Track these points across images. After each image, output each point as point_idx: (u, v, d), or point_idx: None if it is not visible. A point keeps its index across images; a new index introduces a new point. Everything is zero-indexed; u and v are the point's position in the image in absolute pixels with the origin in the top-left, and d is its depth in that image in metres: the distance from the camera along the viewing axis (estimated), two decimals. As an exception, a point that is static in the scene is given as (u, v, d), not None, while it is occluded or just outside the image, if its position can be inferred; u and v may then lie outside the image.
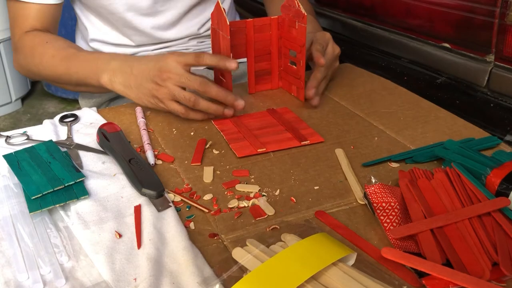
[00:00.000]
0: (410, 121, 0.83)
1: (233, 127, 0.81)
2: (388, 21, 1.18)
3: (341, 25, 1.33)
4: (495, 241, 0.53)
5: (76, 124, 0.83)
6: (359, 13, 1.27)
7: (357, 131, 0.80)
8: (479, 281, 0.48)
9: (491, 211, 0.56)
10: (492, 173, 0.61)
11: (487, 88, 0.97)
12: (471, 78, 0.99)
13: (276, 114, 0.85)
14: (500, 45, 0.93)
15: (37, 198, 0.61)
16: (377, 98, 0.92)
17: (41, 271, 0.52)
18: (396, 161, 0.71)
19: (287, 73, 0.93)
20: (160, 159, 0.73)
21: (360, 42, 1.28)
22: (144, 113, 0.86)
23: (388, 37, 1.18)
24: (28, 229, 0.57)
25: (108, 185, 0.65)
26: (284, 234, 0.54)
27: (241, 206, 0.62)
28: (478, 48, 0.97)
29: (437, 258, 0.51)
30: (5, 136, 0.78)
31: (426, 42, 1.09)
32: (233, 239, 0.57)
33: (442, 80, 1.07)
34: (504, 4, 0.90)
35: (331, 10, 1.38)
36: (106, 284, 0.50)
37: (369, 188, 0.59)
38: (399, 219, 0.57)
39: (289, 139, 0.77)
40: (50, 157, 0.68)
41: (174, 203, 0.62)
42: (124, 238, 0.56)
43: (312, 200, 0.63)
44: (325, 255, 0.48)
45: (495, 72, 0.94)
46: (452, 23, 1.01)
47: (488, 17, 0.93)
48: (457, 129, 0.80)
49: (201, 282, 0.49)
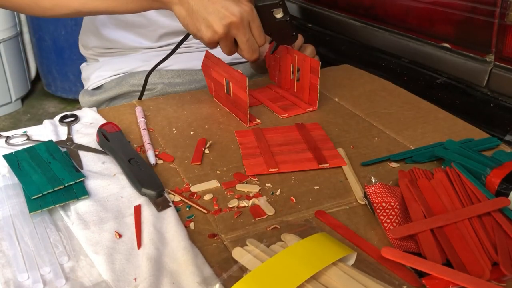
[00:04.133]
0: (410, 121, 0.83)
1: (253, 140, 0.77)
2: (388, 21, 1.18)
3: (341, 25, 1.33)
4: (495, 241, 0.53)
5: (76, 124, 0.83)
6: (359, 13, 1.27)
7: (357, 131, 0.81)
8: (479, 281, 0.48)
9: (491, 211, 0.56)
10: (492, 173, 0.61)
11: (487, 88, 0.97)
12: (471, 78, 0.99)
13: (304, 130, 0.80)
14: (500, 45, 0.93)
15: (37, 198, 0.61)
16: (377, 99, 0.92)
17: (41, 271, 0.52)
18: (396, 161, 0.71)
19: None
20: (160, 158, 0.73)
21: (360, 42, 1.28)
22: (144, 113, 0.86)
23: (388, 37, 1.18)
24: (28, 229, 0.57)
25: (108, 185, 0.65)
26: (284, 234, 0.54)
27: (241, 206, 0.62)
28: (478, 48, 0.97)
29: (437, 258, 0.51)
30: (5, 136, 0.78)
31: (426, 42, 1.09)
32: (233, 239, 0.57)
33: (442, 80, 1.07)
34: (504, 4, 0.90)
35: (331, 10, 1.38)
36: (106, 284, 0.50)
37: (369, 188, 0.59)
38: (399, 219, 0.57)
39: (308, 160, 0.71)
40: (50, 157, 0.68)
41: (174, 203, 0.62)
42: (124, 238, 0.56)
43: (312, 200, 0.63)
44: (325, 255, 0.48)
45: (495, 72, 0.95)
46: (452, 23, 1.01)
47: (488, 17, 0.93)
48: (457, 130, 0.80)
49: (201, 282, 0.49)
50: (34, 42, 2.90)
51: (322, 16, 1.41)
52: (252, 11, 0.77)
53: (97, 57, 1.13)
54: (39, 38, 2.81)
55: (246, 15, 0.76)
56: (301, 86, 0.90)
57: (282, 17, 0.81)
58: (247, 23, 0.77)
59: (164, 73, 1.07)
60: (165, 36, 1.08)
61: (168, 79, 1.07)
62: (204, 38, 0.77)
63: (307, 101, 0.89)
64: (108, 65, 1.11)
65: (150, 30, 1.06)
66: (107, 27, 1.07)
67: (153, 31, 1.06)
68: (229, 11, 0.75)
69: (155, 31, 1.06)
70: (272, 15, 0.81)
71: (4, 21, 2.69)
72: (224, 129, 0.82)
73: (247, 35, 0.78)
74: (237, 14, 0.75)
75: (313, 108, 0.88)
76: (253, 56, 0.80)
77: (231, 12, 0.75)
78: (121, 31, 1.07)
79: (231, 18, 0.75)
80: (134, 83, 1.05)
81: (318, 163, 0.71)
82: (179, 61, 1.09)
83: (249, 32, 0.78)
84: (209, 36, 0.76)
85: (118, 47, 1.09)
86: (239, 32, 0.77)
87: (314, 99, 0.87)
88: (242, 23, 0.76)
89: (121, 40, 1.07)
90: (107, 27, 1.07)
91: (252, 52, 0.80)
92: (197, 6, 0.75)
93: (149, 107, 0.89)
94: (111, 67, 1.10)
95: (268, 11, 0.80)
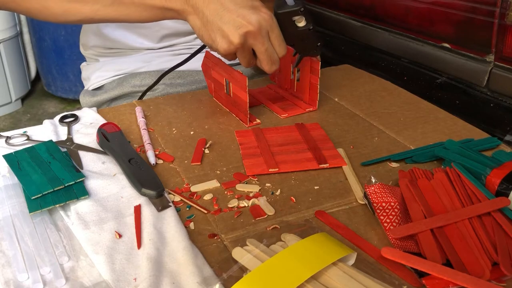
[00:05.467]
0: (410, 121, 0.83)
1: (253, 140, 0.77)
2: (388, 21, 1.18)
3: (341, 25, 1.33)
4: (495, 241, 0.53)
5: (76, 124, 0.83)
6: (359, 13, 1.27)
7: (357, 131, 0.81)
8: (479, 281, 0.48)
9: (491, 211, 0.56)
10: (492, 173, 0.61)
11: (487, 88, 0.97)
12: (471, 78, 0.99)
13: (304, 130, 0.80)
14: (500, 45, 0.93)
15: (37, 198, 0.61)
16: (377, 99, 0.92)
17: (41, 271, 0.52)
18: (396, 161, 0.71)
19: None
20: (160, 158, 0.73)
21: (360, 42, 1.28)
22: (144, 113, 0.86)
23: (388, 37, 1.18)
24: (28, 229, 0.57)
25: (108, 185, 0.65)
26: (284, 234, 0.54)
27: (241, 205, 0.62)
28: (478, 48, 0.97)
29: (437, 258, 0.51)
30: (5, 136, 0.78)
31: (426, 42, 1.09)
32: (233, 239, 0.57)
33: (442, 80, 1.07)
34: (504, 4, 0.90)
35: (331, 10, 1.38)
36: (106, 284, 0.50)
37: (369, 188, 0.59)
38: (399, 219, 0.57)
39: (308, 160, 0.71)
40: (50, 157, 0.68)
41: (174, 203, 0.62)
42: (124, 238, 0.56)
43: (312, 200, 0.63)
44: (325, 255, 0.48)
45: (495, 72, 0.95)
46: (452, 23, 1.01)
47: (488, 17, 0.93)
48: (457, 130, 0.80)
49: (201, 282, 0.49)
50: (34, 42, 2.91)
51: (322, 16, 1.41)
52: (271, 19, 0.72)
53: (97, 57, 1.13)
54: (39, 38, 2.81)
55: (264, 23, 0.71)
56: (301, 86, 0.90)
57: (304, 26, 0.76)
58: (266, 32, 0.72)
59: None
60: (167, 37, 1.07)
61: (169, 79, 1.06)
62: (220, 49, 0.73)
63: (307, 101, 0.89)
64: (109, 66, 1.10)
65: (152, 30, 1.06)
66: (108, 26, 1.06)
67: (155, 31, 1.06)
68: (245, 19, 0.70)
69: (157, 31, 1.06)
70: (294, 24, 0.75)
71: (4, 21, 2.69)
72: (224, 129, 0.82)
73: (266, 45, 0.73)
74: (254, 22, 0.70)
75: (313, 108, 0.88)
76: (272, 67, 0.76)
77: (247, 20, 0.70)
78: (123, 30, 1.06)
79: (248, 27, 0.70)
80: (136, 84, 1.05)
81: (318, 163, 0.71)
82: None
83: (268, 42, 0.73)
84: (225, 47, 0.72)
85: (119, 47, 1.09)
86: (256, 41, 0.72)
87: (314, 99, 0.87)
88: (260, 32, 0.71)
89: (122, 39, 1.07)
90: (108, 26, 1.06)
91: (272, 64, 0.75)
92: (212, 16, 0.71)
93: (149, 107, 0.89)
94: (112, 67, 1.10)
95: (289, 19, 0.75)
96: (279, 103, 0.90)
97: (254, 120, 0.84)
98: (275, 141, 0.77)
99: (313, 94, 0.87)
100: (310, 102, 0.89)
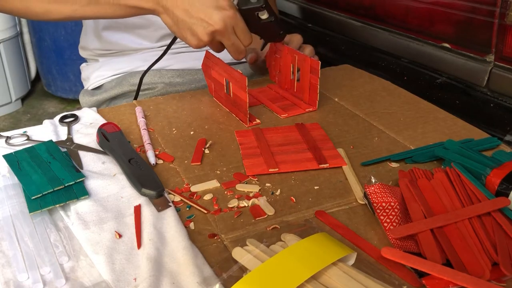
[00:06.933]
0: (410, 121, 0.83)
1: (253, 140, 0.77)
2: (388, 21, 1.18)
3: (341, 25, 1.33)
4: (495, 241, 0.53)
5: (76, 124, 0.83)
6: (359, 13, 1.27)
7: (357, 131, 0.81)
8: (479, 281, 0.48)
9: (491, 211, 0.56)
10: (492, 173, 0.61)
11: (487, 88, 0.97)
12: (471, 78, 0.99)
13: (304, 130, 0.80)
14: (500, 45, 0.93)
15: (37, 198, 0.61)
16: (377, 99, 0.92)
17: (41, 271, 0.52)
18: (396, 161, 0.71)
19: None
20: (160, 158, 0.73)
21: (360, 42, 1.28)
22: (144, 113, 0.86)
23: (388, 37, 1.18)
24: (28, 229, 0.57)
25: (108, 185, 0.65)
26: (284, 234, 0.54)
27: (241, 205, 0.62)
28: (478, 48, 0.97)
29: (437, 258, 0.51)
30: (5, 136, 0.78)
31: (426, 42, 1.09)
32: (233, 239, 0.57)
33: (442, 80, 1.07)
34: (504, 4, 0.90)
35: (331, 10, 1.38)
36: (106, 284, 0.50)
37: (369, 188, 0.59)
38: (399, 219, 0.57)
39: (308, 160, 0.71)
40: (50, 157, 0.68)
41: (174, 203, 0.62)
42: (124, 238, 0.56)
43: (312, 200, 0.63)
44: (325, 255, 0.48)
45: (495, 72, 0.95)
46: (452, 23, 1.01)
47: (488, 17, 0.93)
48: (457, 130, 0.80)
49: (201, 282, 0.49)
50: (34, 42, 2.90)
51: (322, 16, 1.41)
52: (235, 15, 0.79)
53: (97, 57, 1.13)
54: (39, 38, 2.81)
55: (229, 20, 0.78)
56: (301, 86, 0.90)
57: (267, 18, 0.82)
58: (231, 28, 0.79)
59: (164, 72, 1.07)
60: (166, 36, 1.08)
61: (169, 78, 1.07)
62: (191, 45, 0.81)
63: (307, 101, 0.89)
64: (108, 65, 1.11)
65: (151, 31, 1.06)
66: (107, 29, 1.07)
67: (153, 31, 1.06)
68: (212, 20, 0.77)
69: (155, 31, 1.06)
70: (257, 17, 0.81)
71: (4, 21, 2.69)
72: (224, 129, 0.82)
73: (232, 39, 0.80)
74: (219, 21, 0.77)
75: (313, 108, 0.88)
76: (239, 56, 0.84)
77: (213, 21, 0.77)
78: (122, 33, 1.07)
79: (214, 27, 0.78)
80: (135, 83, 1.05)
81: (318, 163, 0.71)
82: (179, 61, 1.09)
83: (233, 36, 0.80)
84: (195, 44, 0.80)
85: (118, 48, 1.09)
86: (223, 37, 0.80)
87: (314, 99, 0.87)
88: (226, 30, 0.79)
89: (121, 42, 1.08)
90: (107, 29, 1.07)
91: (239, 53, 0.83)
92: (181, 15, 0.79)
93: (149, 107, 0.89)
94: (111, 66, 1.10)
95: (252, 14, 0.81)
96: (279, 103, 0.90)
97: (254, 120, 0.84)
98: (275, 141, 0.77)
99: (313, 94, 0.87)
100: (310, 102, 0.89)
